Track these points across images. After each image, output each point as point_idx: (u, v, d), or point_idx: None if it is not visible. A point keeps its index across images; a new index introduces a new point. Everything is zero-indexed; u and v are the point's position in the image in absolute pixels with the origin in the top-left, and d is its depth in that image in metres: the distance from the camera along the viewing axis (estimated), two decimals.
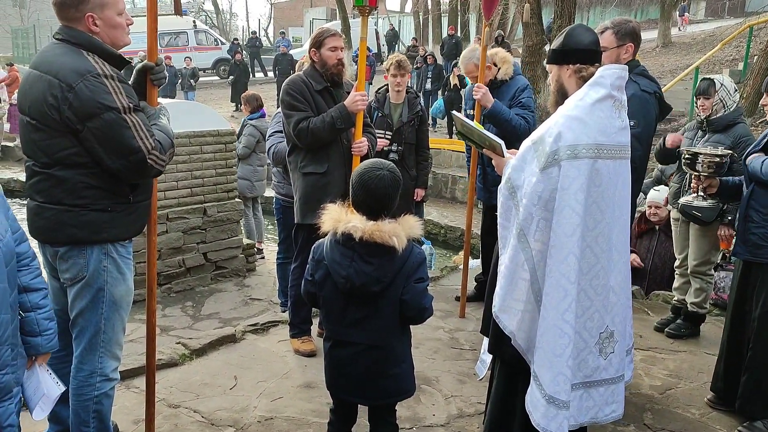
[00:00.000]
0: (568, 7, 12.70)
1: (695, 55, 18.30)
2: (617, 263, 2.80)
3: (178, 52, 24.19)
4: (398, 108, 5.24)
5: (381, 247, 2.42)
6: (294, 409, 3.51)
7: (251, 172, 7.73)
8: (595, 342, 2.79)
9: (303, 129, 3.78)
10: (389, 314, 2.52)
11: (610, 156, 2.68)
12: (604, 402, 2.87)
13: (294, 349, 4.20)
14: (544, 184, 2.59)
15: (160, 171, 2.62)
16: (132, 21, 2.69)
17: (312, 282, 2.62)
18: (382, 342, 2.55)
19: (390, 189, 2.47)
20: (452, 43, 20.70)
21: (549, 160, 2.58)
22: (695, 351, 4.41)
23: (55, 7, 2.54)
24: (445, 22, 26.43)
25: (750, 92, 10.57)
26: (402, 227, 2.46)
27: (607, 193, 2.68)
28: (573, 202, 2.58)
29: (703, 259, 4.48)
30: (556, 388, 2.63)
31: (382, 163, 2.53)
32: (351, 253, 2.47)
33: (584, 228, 2.63)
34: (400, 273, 2.47)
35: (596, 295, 2.75)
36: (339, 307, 2.56)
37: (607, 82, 2.72)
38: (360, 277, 2.45)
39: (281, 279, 5.58)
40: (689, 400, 3.72)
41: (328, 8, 37.93)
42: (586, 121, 2.64)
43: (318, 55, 3.90)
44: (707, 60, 14.60)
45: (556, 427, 2.63)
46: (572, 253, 2.59)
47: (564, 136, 2.60)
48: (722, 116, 4.28)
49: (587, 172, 2.59)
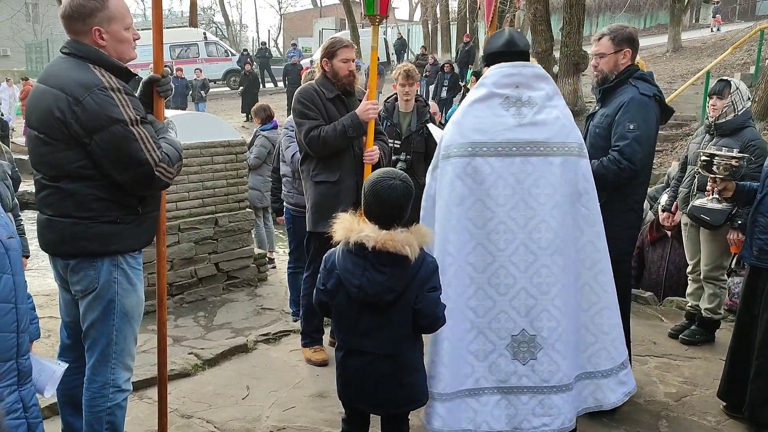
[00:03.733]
0: (577, 13, 12.70)
1: (706, 59, 18.20)
2: (545, 265, 2.79)
3: (188, 64, 24.37)
4: (407, 117, 5.24)
5: (394, 256, 2.41)
6: (306, 418, 3.50)
7: (262, 182, 7.75)
8: (506, 344, 2.79)
9: (314, 137, 3.78)
10: (402, 323, 2.51)
11: (495, 153, 2.78)
12: (530, 412, 2.84)
13: (306, 358, 4.19)
14: (430, 184, 2.93)
15: (167, 183, 2.63)
16: (139, 36, 2.71)
17: (324, 291, 2.61)
18: (395, 351, 2.54)
19: (402, 198, 2.47)
20: (465, 50, 20.72)
21: (434, 163, 2.94)
22: (710, 357, 4.36)
23: (63, 21, 2.56)
24: (454, 31, 26.49)
25: (762, 96, 10.49)
26: (414, 236, 2.45)
27: (496, 190, 2.78)
28: (444, 196, 2.84)
29: (715, 264, 4.44)
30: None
31: (394, 173, 2.53)
32: (363, 262, 2.46)
33: (468, 225, 2.80)
34: (413, 282, 2.46)
35: (499, 295, 2.80)
36: (352, 316, 2.55)
37: (488, 81, 2.87)
38: (373, 286, 2.45)
39: (292, 289, 5.58)
40: (705, 407, 3.68)
41: (337, 18, 38.11)
42: (460, 122, 2.87)
43: (330, 65, 3.91)
44: (718, 64, 14.51)
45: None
46: (448, 241, 2.83)
47: (444, 139, 2.90)
48: (731, 120, 4.25)
49: (457, 170, 2.81)
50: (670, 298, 5.48)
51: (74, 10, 2.51)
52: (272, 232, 8.24)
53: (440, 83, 17.41)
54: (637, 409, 3.63)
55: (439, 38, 28.02)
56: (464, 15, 24.59)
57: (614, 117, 3.43)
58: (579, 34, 13.03)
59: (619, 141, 3.37)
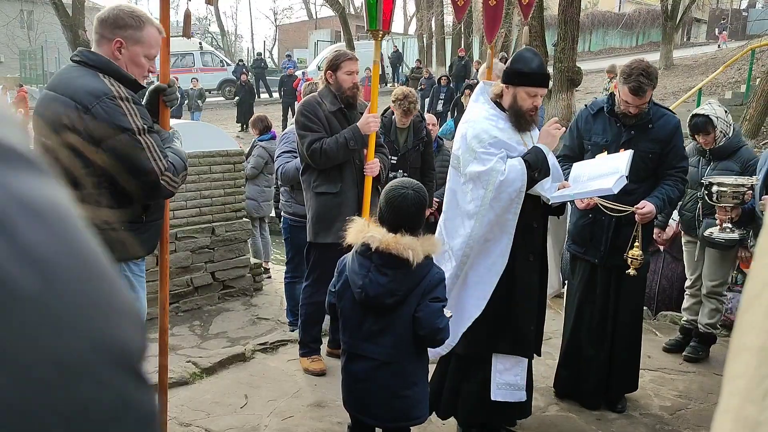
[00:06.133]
0: (571, 29, 12.83)
1: (698, 77, 18.41)
2: None
3: (184, 73, 24.37)
4: (404, 132, 5.29)
5: (396, 258, 2.45)
6: (304, 428, 3.51)
7: (258, 192, 7.76)
8: None
9: (316, 149, 3.82)
10: (402, 330, 2.53)
11: None
12: None
13: (304, 368, 4.20)
14: None
15: (172, 192, 2.66)
16: (155, 70, 2.75)
17: (333, 292, 2.66)
18: (394, 359, 2.56)
19: (413, 207, 2.53)
20: (461, 64, 20.86)
21: None
22: (704, 372, 4.40)
23: (96, 21, 2.62)
24: (449, 44, 26.64)
25: (753, 114, 10.63)
26: (421, 243, 2.49)
27: None
28: None
29: (722, 281, 4.48)
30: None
31: (409, 183, 2.61)
32: (368, 263, 2.51)
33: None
34: (416, 289, 2.49)
35: None
36: (356, 318, 2.59)
37: None
38: (374, 287, 2.48)
39: (289, 299, 5.59)
40: (699, 420, 3.72)
41: (332, 30, 38.25)
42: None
43: (334, 78, 3.96)
44: (710, 82, 14.69)
45: None
46: None
47: None
48: (725, 145, 4.29)
49: None
50: (663, 313, 5.52)
51: (112, 17, 2.57)
52: (268, 242, 8.24)
53: (436, 96, 17.50)
54: (632, 422, 3.66)
55: (434, 52, 28.18)
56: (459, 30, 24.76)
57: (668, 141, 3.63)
58: (573, 50, 13.16)
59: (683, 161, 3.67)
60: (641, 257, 3.49)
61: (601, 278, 3.76)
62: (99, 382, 0.28)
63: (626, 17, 33.40)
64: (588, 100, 13.19)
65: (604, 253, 3.68)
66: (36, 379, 0.26)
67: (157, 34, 2.65)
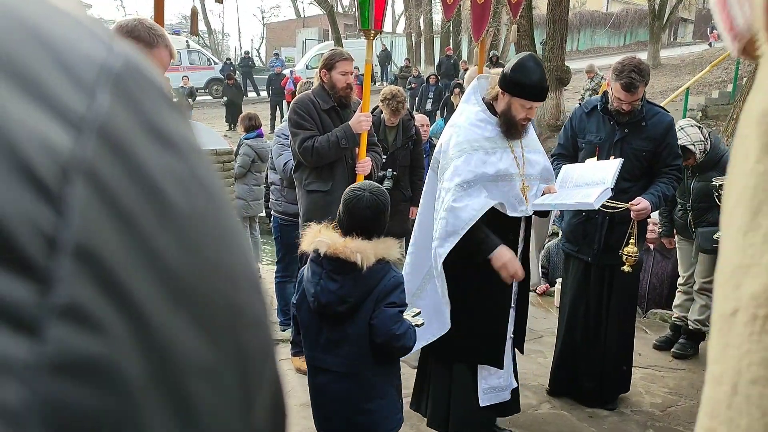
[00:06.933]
0: (560, 28, 12.90)
1: (685, 76, 18.55)
2: None
3: (171, 71, 24.23)
4: (393, 131, 5.29)
5: (345, 263, 2.29)
6: (298, 427, 3.50)
7: (247, 191, 7.72)
8: None
9: (308, 148, 3.82)
10: (358, 339, 2.37)
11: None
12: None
13: (296, 367, 4.19)
14: None
15: None
16: None
17: (294, 304, 2.53)
18: (353, 369, 2.40)
19: (368, 210, 2.36)
20: (449, 63, 20.90)
21: None
22: (694, 369, 4.44)
23: (116, 24, 2.57)
24: (437, 43, 26.68)
25: (739, 113, 10.70)
26: (373, 247, 2.32)
27: None
28: None
29: (713, 277, 4.51)
30: None
31: (367, 185, 2.48)
32: (320, 270, 2.37)
33: None
34: (370, 295, 2.34)
35: None
36: (314, 329, 2.45)
37: None
38: (325, 294, 2.33)
39: (280, 298, 5.56)
40: (690, 417, 3.74)
41: (320, 29, 38.22)
42: None
43: (328, 77, 3.95)
44: (697, 82, 14.80)
45: None
46: None
47: None
48: (705, 160, 4.34)
49: None
50: (653, 311, 5.56)
51: (129, 26, 2.52)
52: (258, 242, 8.20)
53: (425, 95, 17.52)
54: (624, 419, 3.68)
55: (422, 50, 28.21)
56: (448, 28, 24.81)
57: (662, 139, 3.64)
58: (562, 49, 13.24)
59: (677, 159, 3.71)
60: (636, 254, 3.50)
61: (594, 277, 3.78)
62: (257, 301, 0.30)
63: (614, 17, 33.61)
64: (576, 100, 13.21)
65: (598, 252, 3.70)
66: (242, 287, 0.29)
67: (168, 57, 2.57)
